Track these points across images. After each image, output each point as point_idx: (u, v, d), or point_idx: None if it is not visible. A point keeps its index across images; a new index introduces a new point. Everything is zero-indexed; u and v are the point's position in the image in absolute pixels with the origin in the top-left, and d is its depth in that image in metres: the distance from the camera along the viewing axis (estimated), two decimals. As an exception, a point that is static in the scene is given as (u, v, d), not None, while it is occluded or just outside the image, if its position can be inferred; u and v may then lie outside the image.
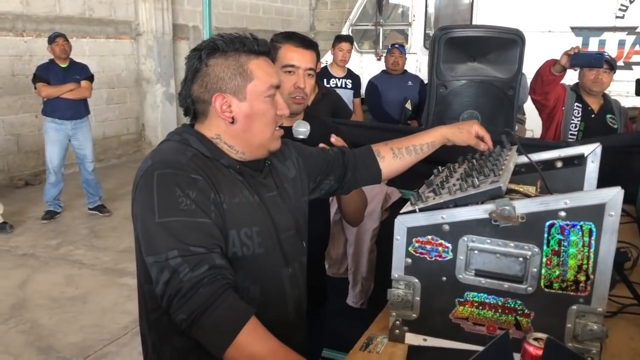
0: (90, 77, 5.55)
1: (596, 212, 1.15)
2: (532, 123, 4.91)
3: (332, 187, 1.62)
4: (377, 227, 2.87)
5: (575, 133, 3.27)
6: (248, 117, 1.28)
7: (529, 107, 4.08)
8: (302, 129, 1.83)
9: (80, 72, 5.47)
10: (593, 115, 3.30)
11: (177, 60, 8.92)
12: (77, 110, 5.44)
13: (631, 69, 7.02)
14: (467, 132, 1.66)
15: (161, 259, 1.14)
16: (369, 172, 1.64)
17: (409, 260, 1.31)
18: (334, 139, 1.74)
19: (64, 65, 5.36)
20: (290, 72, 1.78)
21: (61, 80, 5.29)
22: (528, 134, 5.79)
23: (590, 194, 1.17)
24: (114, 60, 8.04)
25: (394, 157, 1.65)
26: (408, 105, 5.16)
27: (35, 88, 5.34)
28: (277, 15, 11.73)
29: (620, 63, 6.79)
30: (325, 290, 2.26)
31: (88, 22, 7.54)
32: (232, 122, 1.28)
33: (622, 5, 7.01)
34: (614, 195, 1.14)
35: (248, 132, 1.30)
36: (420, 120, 5.00)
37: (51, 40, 5.31)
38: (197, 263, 1.13)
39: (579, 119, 3.28)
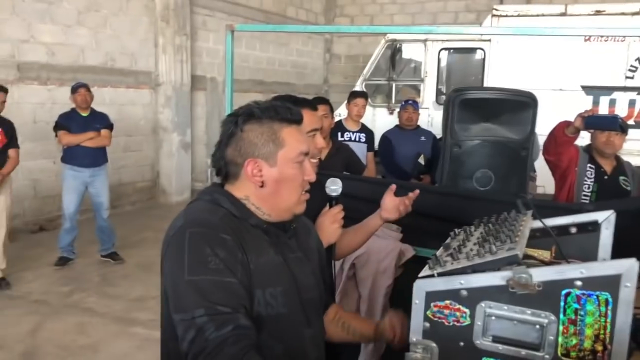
0: (110, 126, 5.69)
1: (612, 283, 1.17)
2: (544, 179, 4.95)
3: None
4: (390, 284, 2.88)
5: (589, 194, 3.30)
6: (277, 182, 1.34)
7: (540, 163, 4.12)
8: (334, 187, 1.89)
9: (100, 121, 5.61)
10: (606, 177, 3.33)
11: (194, 110, 9.13)
12: (96, 158, 5.56)
13: (642, 128, 7.09)
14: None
15: (188, 317, 1.18)
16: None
17: (427, 325, 1.33)
18: None
19: (85, 114, 5.51)
20: (314, 135, 1.86)
21: (82, 129, 5.42)
22: (539, 190, 5.82)
23: (606, 265, 1.20)
24: (133, 109, 8.24)
25: (332, 321, 1.63)
26: (421, 160, 5.24)
27: (56, 136, 5.47)
28: (293, 68, 12.02)
29: (631, 122, 6.88)
30: (339, 346, 2.26)
31: (109, 72, 7.78)
32: (262, 186, 1.34)
33: (631, 66, 7.13)
34: (630, 266, 1.17)
35: (276, 195, 1.35)
36: (433, 175, 5.06)
37: (74, 90, 5.48)
38: (223, 322, 1.16)
39: (592, 180, 3.31)
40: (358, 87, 8.43)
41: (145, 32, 8.30)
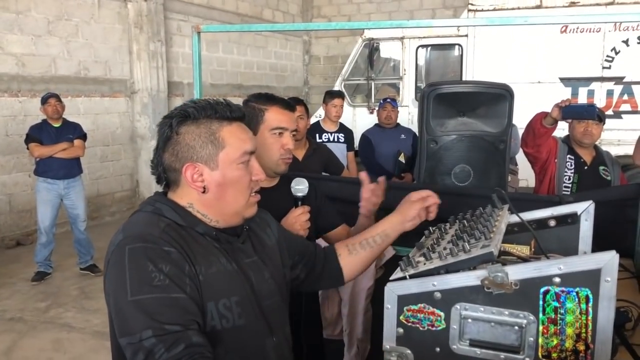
0: (83, 136, 5.55)
1: (592, 278, 1.11)
2: (526, 172, 4.91)
3: (299, 277, 1.54)
4: (371, 286, 2.81)
5: (570, 185, 3.25)
6: (220, 185, 1.25)
7: (522, 156, 4.08)
8: (299, 187, 1.82)
9: (73, 131, 5.47)
10: (586, 167, 3.29)
11: (171, 116, 8.99)
12: (70, 169, 5.41)
13: (621, 117, 7.10)
14: (412, 207, 1.58)
15: (135, 340, 1.09)
16: (331, 270, 1.57)
17: (401, 330, 1.26)
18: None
19: (56, 125, 5.37)
20: (280, 134, 1.80)
21: (54, 140, 5.28)
22: (522, 183, 5.78)
23: (585, 259, 1.13)
24: (109, 118, 8.09)
25: (349, 253, 1.58)
26: (401, 159, 5.18)
27: (27, 148, 5.33)
28: (272, 71, 11.92)
29: (609, 112, 6.90)
30: (322, 351, 2.19)
31: (83, 81, 7.62)
32: (204, 192, 1.25)
33: (607, 56, 7.15)
34: (610, 260, 1.10)
35: (221, 200, 1.26)
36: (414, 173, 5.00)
37: (44, 100, 5.33)
38: (173, 342, 1.07)
39: (572, 171, 3.26)
40: (337, 88, 8.36)
41: (119, 40, 8.15)
